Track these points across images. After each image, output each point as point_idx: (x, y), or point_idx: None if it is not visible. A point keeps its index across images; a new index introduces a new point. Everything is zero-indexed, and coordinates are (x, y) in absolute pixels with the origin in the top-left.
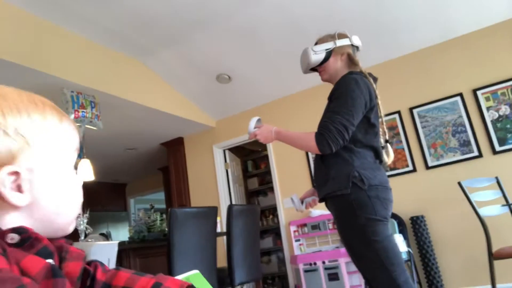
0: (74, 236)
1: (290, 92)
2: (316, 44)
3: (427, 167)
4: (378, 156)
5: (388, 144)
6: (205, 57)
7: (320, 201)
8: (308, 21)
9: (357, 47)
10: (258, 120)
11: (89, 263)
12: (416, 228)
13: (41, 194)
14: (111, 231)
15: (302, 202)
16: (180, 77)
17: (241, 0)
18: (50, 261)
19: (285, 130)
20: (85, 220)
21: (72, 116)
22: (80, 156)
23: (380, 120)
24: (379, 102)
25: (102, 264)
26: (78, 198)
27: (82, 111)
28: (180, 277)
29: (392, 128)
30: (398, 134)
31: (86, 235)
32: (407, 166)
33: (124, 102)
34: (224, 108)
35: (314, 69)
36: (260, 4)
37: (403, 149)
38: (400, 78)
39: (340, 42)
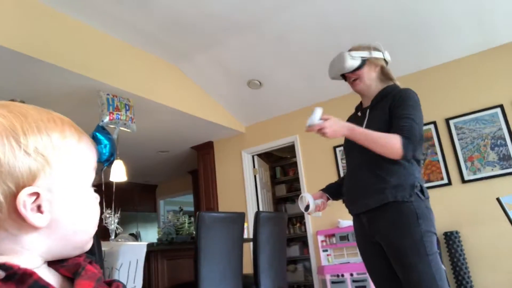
0: (105, 235)
1: (321, 100)
2: (350, 50)
3: (463, 181)
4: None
5: None
6: (237, 62)
7: (366, 211)
8: (342, 27)
9: (387, 63)
10: (322, 112)
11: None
12: (450, 244)
13: (60, 214)
14: (141, 231)
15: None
16: (212, 81)
17: (274, 6)
18: None
19: (360, 128)
20: (116, 220)
21: (107, 118)
22: (114, 156)
23: None
24: None
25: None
26: (95, 216)
27: (117, 114)
28: None
29: (427, 139)
30: (433, 145)
31: (116, 235)
32: (442, 179)
33: (157, 105)
34: (254, 113)
35: (343, 76)
36: (294, 10)
37: (438, 161)
38: (436, 88)
39: (375, 54)
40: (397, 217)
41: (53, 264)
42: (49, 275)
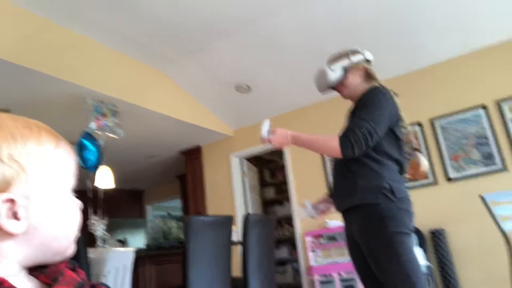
0: (91, 242)
1: (310, 102)
2: (329, 62)
3: (448, 180)
4: (401, 170)
5: (417, 152)
6: (225, 67)
7: (343, 212)
8: (329, 31)
9: (369, 61)
10: (270, 125)
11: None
12: (436, 242)
13: (38, 221)
14: (128, 238)
15: (314, 208)
16: (199, 86)
17: (261, 10)
18: None
19: (302, 134)
20: (103, 227)
21: (94, 124)
22: (100, 163)
23: (404, 131)
24: (403, 114)
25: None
26: (75, 222)
27: (104, 120)
28: None
29: None
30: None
31: (104, 241)
32: (428, 178)
33: (144, 111)
34: (242, 117)
35: (332, 88)
36: (281, 13)
37: None
38: (421, 89)
39: (355, 58)
40: (366, 219)
41: (34, 270)
42: (27, 282)
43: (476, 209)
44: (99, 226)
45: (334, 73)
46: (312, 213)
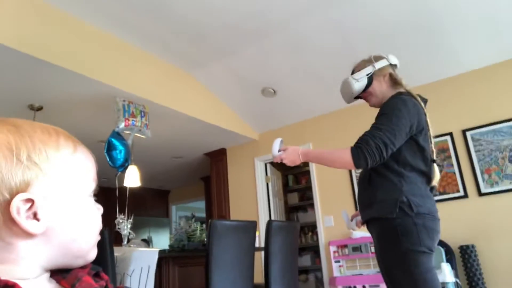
0: (117, 240)
1: (335, 108)
2: (353, 72)
3: (480, 194)
4: (429, 182)
5: (434, 164)
6: (252, 71)
7: (363, 223)
8: (358, 36)
9: (395, 65)
10: (281, 142)
11: None
12: (465, 258)
13: (57, 222)
14: (152, 236)
15: (352, 220)
16: (226, 89)
17: (290, 14)
18: None
19: (313, 150)
20: (129, 225)
21: (123, 124)
22: (128, 162)
23: (430, 141)
24: (429, 124)
25: None
26: (95, 225)
27: (132, 120)
28: None
29: (443, 150)
30: (449, 157)
31: (128, 240)
32: (458, 191)
33: (172, 112)
34: (267, 121)
35: (358, 97)
36: (309, 17)
37: (454, 173)
38: (453, 98)
39: (379, 64)
40: (381, 233)
41: (56, 275)
42: (47, 285)
43: (509, 226)
44: (125, 225)
45: (359, 83)
46: (350, 224)
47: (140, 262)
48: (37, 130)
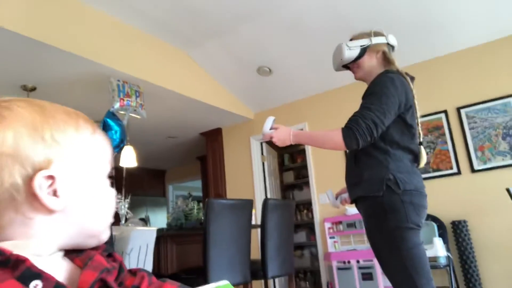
0: (115, 219)
1: (331, 87)
2: (350, 40)
3: (473, 171)
4: (416, 159)
5: (421, 147)
6: (247, 49)
7: (351, 202)
8: (353, 15)
9: (392, 47)
10: (273, 121)
11: (135, 272)
12: (457, 233)
13: (75, 201)
14: (150, 216)
15: (337, 198)
16: (221, 68)
17: None
18: (36, 282)
19: (304, 131)
20: (126, 205)
21: (118, 104)
22: (124, 142)
23: (416, 121)
24: (416, 102)
25: (149, 274)
26: (110, 207)
27: (127, 100)
28: (210, 286)
29: (437, 128)
30: (443, 134)
31: (126, 220)
32: (451, 168)
33: (167, 91)
34: (263, 100)
35: (346, 67)
36: None
37: (448, 150)
38: (448, 76)
39: (376, 40)
40: (369, 211)
41: (71, 253)
42: (62, 263)
43: (501, 202)
44: (122, 205)
45: (350, 51)
46: (335, 203)
47: (139, 241)
48: (60, 111)
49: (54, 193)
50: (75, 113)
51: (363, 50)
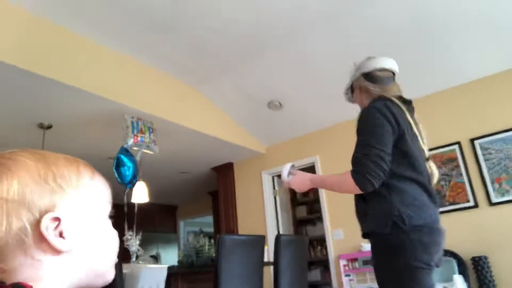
0: (126, 257)
1: (342, 119)
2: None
3: (491, 204)
4: (425, 190)
5: (429, 162)
6: (257, 84)
7: (363, 236)
8: (363, 48)
9: (382, 69)
10: (292, 167)
11: None
12: (478, 270)
13: (80, 241)
14: (161, 252)
15: (292, 174)
16: (232, 103)
17: (295, 27)
18: None
19: (320, 176)
20: (138, 242)
21: (132, 140)
22: (137, 178)
23: (418, 144)
24: (412, 123)
25: None
26: (114, 245)
27: (141, 136)
28: None
29: (451, 160)
30: (458, 166)
31: (137, 257)
32: (468, 201)
33: (179, 127)
34: (274, 134)
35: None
36: (315, 31)
37: (463, 183)
38: (460, 107)
39: (354, 77)
40: (376, 249)
41: None
42: None
43: None
44: (134, 242)
45: (347, 95)
46: (286, 178)
47: (149, 280)
48: (60, 159)
49: (60, 235)
50: (75, 160)
51: (352, 90)
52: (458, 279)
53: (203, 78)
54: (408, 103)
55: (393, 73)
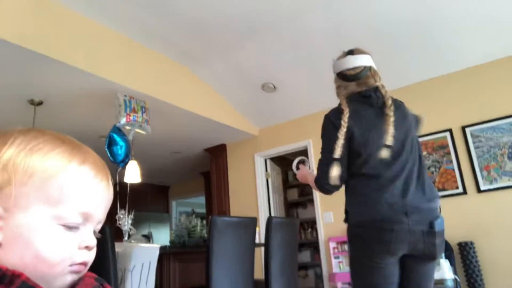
0: (118, 236)
1: (335, 104)
2: None
3: (479, 191)
4: (383, 186)
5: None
6: (252, 66)
7: None
8: (359, 32)
9: (351, 69)
10: (300, 162)
11: None
12: (464, 255)
13: (14, 238)
14: (153, 232)
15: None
16: (226, 85)
17: (291, 10)
18: None
19: (312, 176)
20: (130, 221)
21: (124, 119)
22: (129, 158)
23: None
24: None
25: None
26: (59, 255)
27: (134, 115)
28: None
29: (442, 147)
30: (448, 153)
31: (129, 236)
32: (457, 188)
33: (172, 107)
34: (267, 117)
35: None
36: (311, 14)
37: (453, 169)
38: (452, 95)
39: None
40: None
41: None
42: None
43: (509, 223)
44: (126, 221)
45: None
46: (294, 169)
47: (141, 258)
48: (47, 135)
49: None
50: (70, 140)
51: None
52: (445, 264)
53: (197, 58)
54: (371, 97)
55: (365, 67)
